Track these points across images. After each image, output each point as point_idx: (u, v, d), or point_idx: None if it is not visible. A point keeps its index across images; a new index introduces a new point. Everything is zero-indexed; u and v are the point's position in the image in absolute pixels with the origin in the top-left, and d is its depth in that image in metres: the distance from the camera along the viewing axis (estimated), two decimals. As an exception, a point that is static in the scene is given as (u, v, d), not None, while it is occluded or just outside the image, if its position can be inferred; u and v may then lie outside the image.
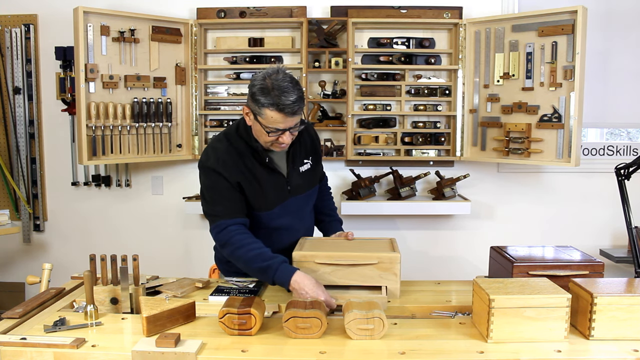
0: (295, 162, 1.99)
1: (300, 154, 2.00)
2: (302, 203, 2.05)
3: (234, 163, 1.89)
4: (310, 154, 2.03)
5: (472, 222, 3.57)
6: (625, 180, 1.95)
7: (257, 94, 1.73)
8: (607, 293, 1.46)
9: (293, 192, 1.99)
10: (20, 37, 3.47)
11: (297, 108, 1.73)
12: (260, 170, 1.91)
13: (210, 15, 3.42)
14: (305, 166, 2.02)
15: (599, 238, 3.54)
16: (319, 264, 1.80)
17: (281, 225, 2.01)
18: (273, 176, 1.94)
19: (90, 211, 3.64)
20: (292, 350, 1.42)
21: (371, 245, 1.93)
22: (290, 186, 1.98)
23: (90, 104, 3.07)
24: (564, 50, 2.97)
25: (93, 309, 1.59)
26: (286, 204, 1.99)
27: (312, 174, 2.06)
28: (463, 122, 3.36)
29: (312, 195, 2.10)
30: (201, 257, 3.65)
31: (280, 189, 1.96)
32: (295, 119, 1.77)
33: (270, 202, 1.96)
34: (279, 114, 1.72)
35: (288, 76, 1.76)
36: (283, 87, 1.71)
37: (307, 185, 2.04)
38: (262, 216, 1.96)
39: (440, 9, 3.38)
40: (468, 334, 1.51)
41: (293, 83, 1.75)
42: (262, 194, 1.92)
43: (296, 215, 2.04)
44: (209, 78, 3.54)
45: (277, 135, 1.79)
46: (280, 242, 1.99)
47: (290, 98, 1.71)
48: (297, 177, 1.99)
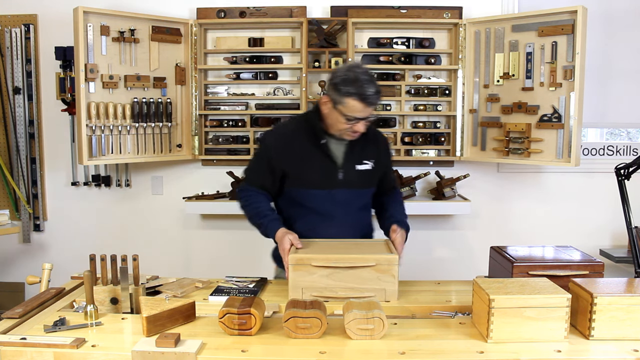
0: (354, 157, 2.07)
1: (362, 153, 2.08)
2: (351, 198, 2.09)
3: (285, 143, 2.05)
4: (374, 158, 2.11)
5: (472, 222, 3.57)
6: (625, 180, 1.95)
7: (340, 84, 1.88)
8: (607, 293, 1.46)
9: (344, 185, 2.05)
10: (20, 37, 3.47)
11: (376, 99, 1.89)
12: (312, 151, 2.04)
13: (210, 15, 3.42)
14: (364, 166, 2.09)
15: (599, 238, 3.54)
16: (315, 267, 1.78)
17: (322, 209, 2.06)
18: (324, 161, 2.04)
19: (90, 211, 3.64)
20: (292, 350, 1.42)
21: (367, 247, 1.91)
22: (342, 177, 2.05)
23: (90, 104, 3.07)
24: (564, 50, 2.97)
25: (93, 309, 1.59)
26: (334, 193, 2.05)
27: (370, 176, 2.11)
28: (463, 122, 3.36)
29: (363, 194, 2.14)
30: (201, 257, 3.66)
31: (329, 176, 2.04)
32: (371, 110, 1.93)
33: (313, 183, 2.04)
34: (361, 103, 1.87)
35: (367, 71, 1.91)
36: (365, 79, 1.87)
37: (361, 184, 2.10)
38: (303, 193, 2.06)
39: (440, 9, 3.38)
40: (468, 334, 1.51)
41: (372, 77, 1.90)
42: (307, 172, 2.03)
43: (341, 206, 2.07)
44: (209, 78, 3.54)
45: (353, 123, 1.92)
46: (322, 224, 2.06)
47: (371, 90, 1.86)
48: (352, 171, 2.06)
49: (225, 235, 3.62)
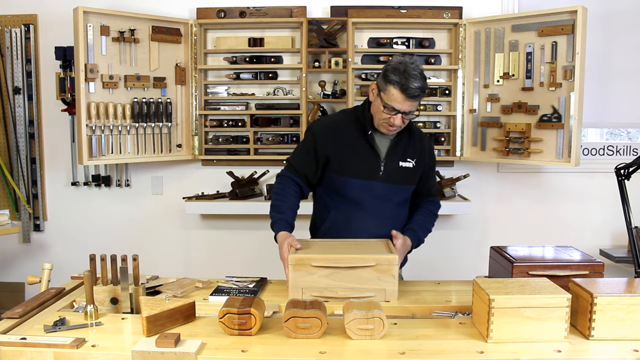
0: (397, 153, 2.08)
1: (406, 150, 2.09)
2: (389, 192, 2.09)
3: (332, 131, 2.09)
4: (417, 157, 2.11)
5: (472, 222, 3.57)
6: (625, 180, 1.95)
7: (389, 72, 1.92)
8: (607, 293, 1.46)
9: (384, 178, 2.06)
10: (20, 37, 3.47)
11: (417, 93, 1.89)
12: (358, 142, 2.06)
13: (210, 15, 3.42)
14: (407, 163, 2.09)
15: (599, 238, 3.54)
16: (316, 267, 1.78)
17: (359, 199, 2.07)
18: (368, 152, 2.05)
19: (90, 211, 3.64)
20: (292, 350, 1.42)
21: (367, 247, 1.91)
22: (383, 170, 2.06)
23: (90, 104, 3.07)
24: (564, 50, 2.97)
25: (93, 309, 1.59)
26: (372, 184, 2.06)
27: (411, 174, 2.12)
28: (463, 122, 3.36)
29: (402, 190, 2.13)
30: (201, 257, 3.66)
31: (371, 168, 2.06)
32: (412, 105, 1.93)
33: (353, 172, 2.05)
34: (401, 94, 1.89)
35: (419, 67, 1.93)
36: (413, 73, 1.89)
37: (401, 180, 2.10)
38: (344, 182, 2.06)
39: (440, 9, 3.38)
40: (468, 334, 1.51)
41: (421, 74, 1.92)
42: (350, 161, 2.05)
43: (378, 199, 2.08)
44: (209, 78, 3.54)
45: (391, 115, 1.94)
46: (358, 215, 2.08)
47: (415, 83, 1.88)
48: (394, 166, 2.07)
49: (225, 235, 3.62)
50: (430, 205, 2.23)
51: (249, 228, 3.57)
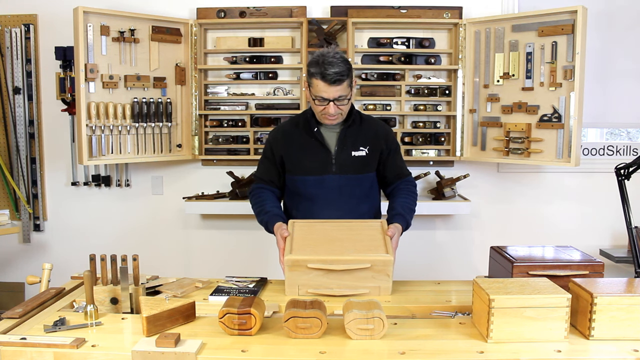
0: (347, 143, 2.13)
1: (356, 139, 2.14)
2: (347, 183, 2.13)
3: (283, 134, 2.18)
4: (369, 144, 2.15)
5: (472, 222, 3.57)
6: (625, 180, 1.95)
7: (310, 66, 1.99)
8: (607, 293, 1.46)
9: (337, 170, 2.12)
10: (20, 37, 3.47)
11: (337, 77, 1.93)
12: (307, 140, 2.13)
13: (210, 15, 3.42)
14: (359, 152, 2.14)
15: (599, 238, 3.54)
16: (311, 269, 1.79)
17: (314, 195, 2.13)
18: (318, 148, 2.12)
19: (90, 211, 3.64)
20: (292, 350, 1.42)
21: (362, 235, 1.91)
22: (335, 162, 2.11)
23: (90, 104, 3.07)
24: (564, 50, 2.97)
25: (93, 309, 1.59)
26: (328, 178, 2.12)
27: (365, 162, 2.15)
28: (463, 122, 3.36)
29: (360, 180, 2.16)
30: (201, 257, 3.66)
31: (323, 162, 2.12)
32: (338, 91, 1.97)
33: (308, 169, 2.12)
34: (323, 82, 1.94)
35: (339, 54, 1.98)
36: (329, 60, 1.94)
37: (356, 169, 2.13)
38: (298, 180, 2.15)
39: (440, 9, 3.38)
40: (468, 334, 1.51)
41: (340, 59, 1.96)
42: (302, 159, 2.13)
43: (339, 192, 2.13)
44: (209, 78, 3.54)
45: (324, 105, 2.00)
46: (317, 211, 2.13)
47: (332, 69, 1.93)
48: (345, 157, 2.12)
49: (225, 235, 3.62)
50: (407, 185, 2.25)
51: (249, 228, 3.56)
